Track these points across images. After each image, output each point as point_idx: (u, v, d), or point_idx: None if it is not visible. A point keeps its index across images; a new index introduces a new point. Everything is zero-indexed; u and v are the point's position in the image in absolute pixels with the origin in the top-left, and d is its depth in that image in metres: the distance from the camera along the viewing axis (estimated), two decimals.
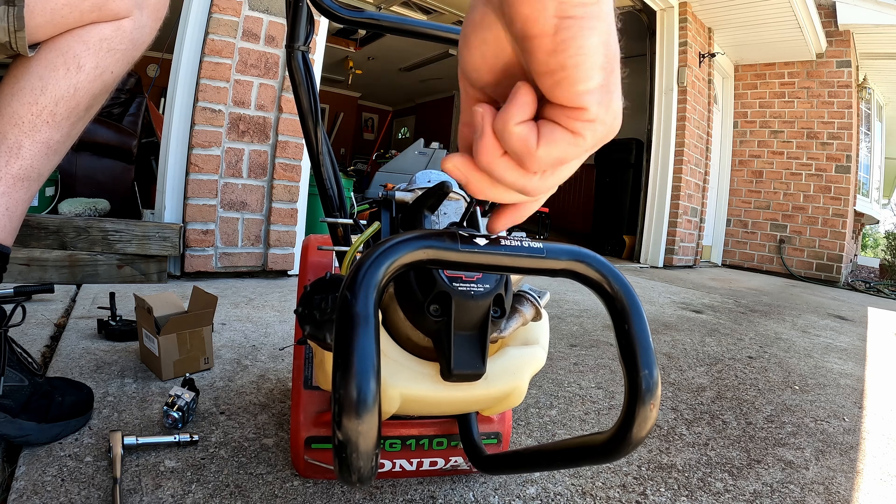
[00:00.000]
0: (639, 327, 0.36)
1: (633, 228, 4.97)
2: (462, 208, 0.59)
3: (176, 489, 0.65)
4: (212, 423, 0.84)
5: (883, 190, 6.88)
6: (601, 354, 1.52)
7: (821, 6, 4.88)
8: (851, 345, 2.12)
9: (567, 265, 0.37)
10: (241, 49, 2.05)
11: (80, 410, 0.77)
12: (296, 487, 0.69)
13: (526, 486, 0.75)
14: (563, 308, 2.17)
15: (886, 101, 6.38)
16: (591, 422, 1.03)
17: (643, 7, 4.59)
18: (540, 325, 0.57)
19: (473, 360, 0.45)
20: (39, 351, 1.08)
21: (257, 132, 2.13)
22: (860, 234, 6.82)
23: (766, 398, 1.29)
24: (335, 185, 0.74)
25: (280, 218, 2.21)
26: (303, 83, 0.72)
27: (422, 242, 0.33)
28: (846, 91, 5.02)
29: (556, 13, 0.23)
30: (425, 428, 0.68)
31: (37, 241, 1.65)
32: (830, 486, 0.86)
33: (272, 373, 1.09)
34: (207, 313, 1.03)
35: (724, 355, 1.69)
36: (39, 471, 0.66)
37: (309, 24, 0.73)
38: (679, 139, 4.54)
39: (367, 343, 0.28)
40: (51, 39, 0.70)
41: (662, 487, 0.80)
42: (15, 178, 0.69)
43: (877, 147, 6.20)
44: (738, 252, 5.70)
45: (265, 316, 1.55)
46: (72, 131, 0.75)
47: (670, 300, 2.76)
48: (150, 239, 1.82)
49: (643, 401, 0.35)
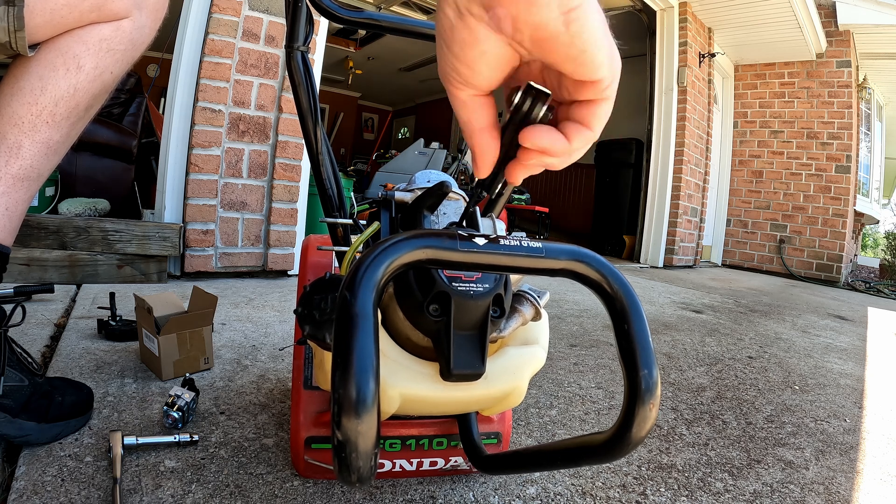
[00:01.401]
0: (638, 327, 0.36)
1: (633, 228, 4.97)
2: (462, 208, 0.59)
3: (176, 489, 0.65)
4: (212, 423, 0.84)
5: (883, 190, 6.88)
6: (601, 354, 1.52)
7: (821, 6, 4.88)
8: (851, 345, 2.12)
9: (566, 265, 0.37)
10: (241, 49, 2.05)
11: (80, 410, 0.77)
12: (296, 487, 0.69)
13: (526, 486, 0.75)
14: (563, 308, 2.17)
15: (886, 101, 6.38)
16: (591, 422, 1.03)
17: (643, 7, 4.59)
18: (540, 324, 0.57)
19: (473, 360, 0.45)
20: (39, 351, 1.08)
21: (257, 132, 2.13)
22: (860, 234, 6.82)
23: (766, 398, 1.29)
24: (335, 185, 0.74)
25: (280, 218, 2.21)
26: (302, 83, 0.72)
27: (421, 242, 0.33)
28: (846, 91, 5.02)
29: (560, 10, 0.26)
30: (425, 428, 0.68)
31: (37, 241, 1.65)
32: (830, 486, 0.86)
33: (272, 373, 1.09)
34: (207, 313, 1.03)
35: (724, 355, 1.69)
36: (39, 471, 0.66)
37: (308, 24, 0.73)
38: (679, 139, 4.54)
39: (366, 343, 0.28)
40: (51, 40, 0.70)
41: (662, 487, 0.80)
42: (15, 178, 0.69)
43: (877, 147, 6.20)
44: (738, 252, 5.70)
45: (265, 316, 1.55)
46: (72, 131, 0.75)
47: (670, 300, 2.76)
48: (150, 239, 1.82)
49: (643, 401, 0.35)
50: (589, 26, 0.27)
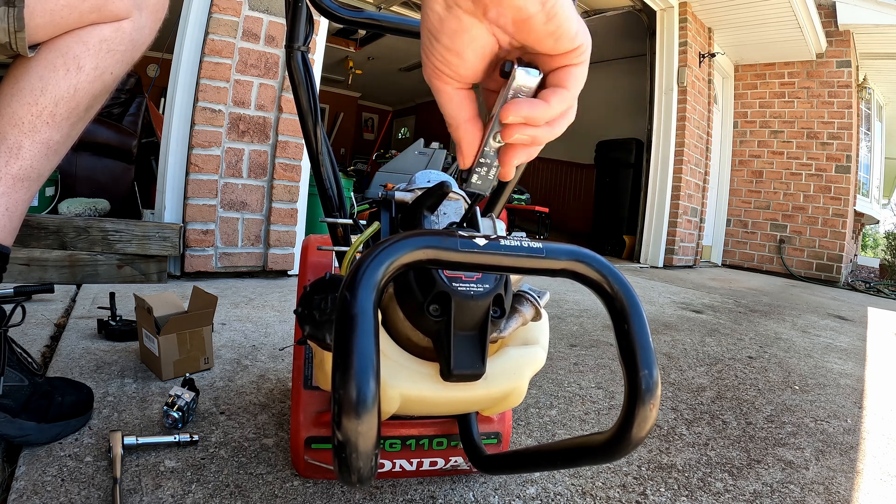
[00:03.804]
0: (638, 327, 0.36)
1: (633, 228, 4.96)
2: (462, 208, 0.59)
3: (176, 489, 0.65)
4: (212, 423, 0.84)
5: (883, 190, 6.88)
6: (601, 354, 1.52)
7: (821, 6, 4.88)
8: (851, 345, 2.12)
9: (567, 265, 0.37)
10: (241, 49, 2.05)
11: (80, 410, 0.77)
12: (296, 487, 0.69)
13: (526, 486, 0.75)
14: (563, 308, 2.17)
15: (886, 101, 6.38)
16: (591, 422, 1.03)
17: (643, 7, 4.59)
18: (540, 325, 0.57)
19: (473, 361, 0.45)
20: (39, 351, 1.08)
21: (257, 132, 2.13)
22: (860, 234, 6.82)
23: (766, 398, 1.29)
24: (335, 185, 0.74)
25: (280, 218, 2.21)
26: (302, 83, 0.72)
27: (421, 242, 0.33)
28: (846, 91, 5.02)
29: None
30: (425, 428, 0.68)
31: (37, 241, 1.65)
32: (830, 486, 0.86)
33: (272, 373, 1.09)
34: (207, 313, 1.03)
35: (724, 355, 1.69)
36: (39, 471, 0.66)
37: (308, 24, 0.73)
38: (679, 139, 4.54)
39: (366, 343, 0.28)
40: (51, 40, 0.70)
41: (662, 487, 0.80)
42: (15, 178, 0.69)
43: (877, 147, 6.20)
44: (738, 252, 5.70)
45: (265, 316, 1.55)
46: (72, 132, 0.75)
47: (670, 300, 2.76)
48: (150, 239, 1.82)
49: (643, 401, 0.35)
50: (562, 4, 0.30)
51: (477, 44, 0.32)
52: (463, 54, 0.32)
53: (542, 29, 0.31)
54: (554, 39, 0.31)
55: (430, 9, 0.32)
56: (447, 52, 0.32)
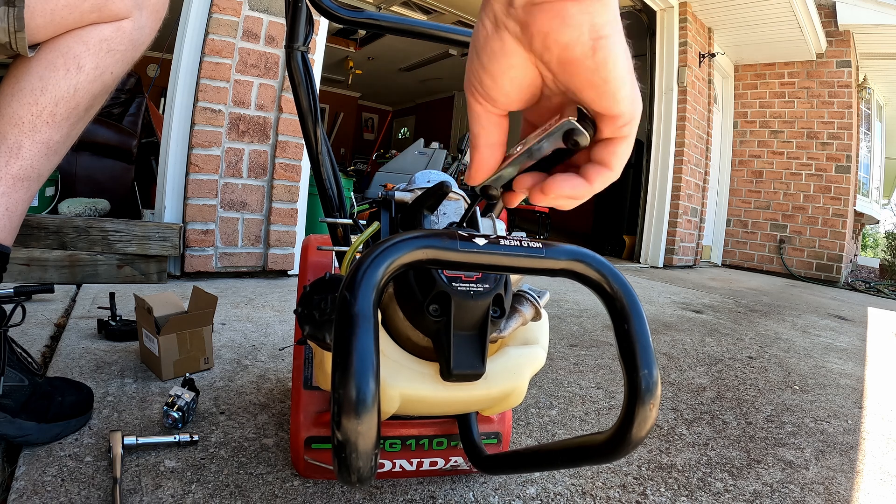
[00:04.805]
0: (638, 327, 0.36)
1: (633, 228, 4.96)
2: (461, 208, 0.59)
3: (176, 489, 0.65)
4: (212, 423, 0.84)
5: (883, 190, 6.88)
6: (601, 354, 1.52)
7: (821, 6, 4.88)
8: (851, 345, 2.12)
9: (567, 265, 0.37)
10: (241, 49, 2.05)
11: (80, 410, 0.77)
12: (296, 487, 0.69)
13: (526, 486, 0.75)
14: (563, 308, 2.17)
15: (886, 101, 6.38)
16: (591, 422, 1.03)
17: (643, 7, 4.59)
18: (540, 325, 0.57)
19: (473, 360, 0.45)
20: (39, 351, 1.08)
21: (257, 132, 2.13)
22: (860, 234, 6.82)
23: (766, 398, 1.29)
24: (335, 185, 0.74)
25: (280, 218, 2.21)
26: (302, 83, 0.72)
27: (421, 242, 0.33)
28: (846, 91, 5.02)
29: (590, 36, 0.27)
30: (425, 428, 0.68)
31: (37, 241, 1.65)
32: (830, 486, 0.86)
33: (272, 373, 1.09)
34: (207, 313, 1.03)
35: (724, 355, 1.69)
36: (39, 471, 0.66)
37: (308, 24, 0.73)
38: (679, 139, 4.54)
39: (366, 343, 0.28)
40: (51, 40, 0.70)
41: (662, 487, 0.80)
42: (15, 178, 0.69)
43: (877, 147, 6.20)
44: (738, 252, 5.70)
45: (265, 316, 1.55)
46: (72, 132, 0.75)
47: (670, 300, 2.76)
48: (150, 239, 1.82)
49: (643, 401, 0.35)
50: (614, 57, 0.28)
51: (516, 72, 0.30)
52: (498, 79, 0.31)
53: (586, 77, 0.28)
54: (597, 93, 0.29)
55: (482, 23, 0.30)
56: (482, 72, 0.31)
